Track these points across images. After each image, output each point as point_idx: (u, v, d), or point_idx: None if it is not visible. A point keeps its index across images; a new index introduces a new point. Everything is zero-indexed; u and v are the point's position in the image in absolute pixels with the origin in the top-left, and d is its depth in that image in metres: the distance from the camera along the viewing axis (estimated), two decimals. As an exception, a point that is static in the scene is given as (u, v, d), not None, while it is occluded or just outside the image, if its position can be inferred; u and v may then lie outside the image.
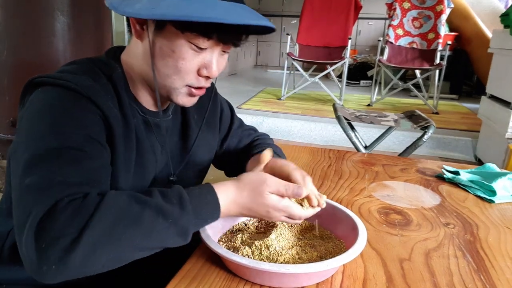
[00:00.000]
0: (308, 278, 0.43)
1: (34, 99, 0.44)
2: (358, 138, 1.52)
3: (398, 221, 0.61)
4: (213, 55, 0.48)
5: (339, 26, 3.18)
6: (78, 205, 0.35)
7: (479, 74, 3.62)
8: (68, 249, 0.33)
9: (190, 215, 0.40)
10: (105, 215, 0.35)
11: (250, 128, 0.73)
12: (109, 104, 0.46)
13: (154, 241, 0.38)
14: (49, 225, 0.33)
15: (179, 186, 0.43)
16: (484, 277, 0.46)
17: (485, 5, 3.67)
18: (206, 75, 0.48)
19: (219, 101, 0.66)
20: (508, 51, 1.90)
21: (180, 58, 0.46)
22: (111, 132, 0.45)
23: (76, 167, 0.39)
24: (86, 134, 0.42)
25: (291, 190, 0.45)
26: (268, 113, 2.76)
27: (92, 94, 0.44)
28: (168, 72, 0.47)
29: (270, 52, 5.60)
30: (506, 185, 0.73)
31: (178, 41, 0.45)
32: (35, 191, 0.36)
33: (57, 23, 1.45)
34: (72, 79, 0.44)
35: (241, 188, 0.45)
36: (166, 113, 0.56)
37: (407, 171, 0.84)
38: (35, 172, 0.37)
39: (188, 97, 0.50)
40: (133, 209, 0.37)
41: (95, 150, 0.42)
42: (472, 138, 2.34)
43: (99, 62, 0.50)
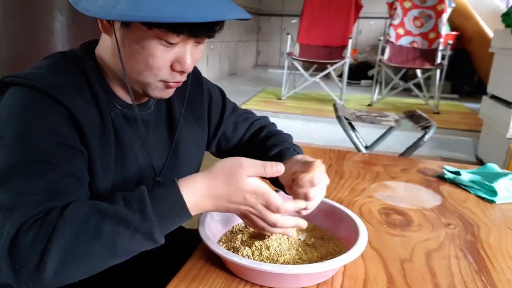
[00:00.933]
0: (309, 279, 0.42)
1: (4, 102, 0.44)
2: (359, 138, 1.52)
3: (399, 221, 0.61)
4: (186, 48, 0.45)
5: (339, 25, 3.17)
6: (39, 225, 0.36)
7: (480, 74, 3.61)
8: (38, 268, 0.35)
9: (153, 220, 0.38)
10: (63, 232, 0.36)
11: (245, 111, 0.68)
12: (78, 101, 0.44)
13: (120, 250, 0.38)
14: (17, 248, 0.35)
15: (143, 189, 0.41)
16: (485, 278, 0.46)
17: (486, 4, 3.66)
18: (180, 70, 0.46)
19: (207, 87, 0.63)
20: (510, 50, 1.89)
21: (150, 55, 0.43)
22: (82, 131, 0.44)
23: (42, 182, 0.39)
24: (53, 141, 0.41)
25: (270, 170, 0.42)
26: (268, 113, 2.76)
27: (58, 92, 0.42)
28: (140, 69, 0.45)
29: (270, 52, 5.60)
30: (507, 185, 0.72)
31: (146, 37, 0.43)
32: (4, 211, 0.37)
33: (56, 23, 1.45)
34: (38, 77, 0.43)
35: (213, 177, 0.42)
36: (147, 106, 0.54)
37: (408, 171, 0.84)
38: (4, 191, 0.38)
39: (165, 89, 0.48)
40: (91, 221, 0.37)
41: (63, 157, 0.41)
42: (473, 138, 2.33)
43: (72, 55, 0.49)
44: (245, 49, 5.09)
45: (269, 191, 0.42)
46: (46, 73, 0.44)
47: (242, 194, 0.42)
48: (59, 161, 0.40)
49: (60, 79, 0.44)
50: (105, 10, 0.39)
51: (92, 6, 0.40)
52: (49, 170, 0.39)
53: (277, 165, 0.43)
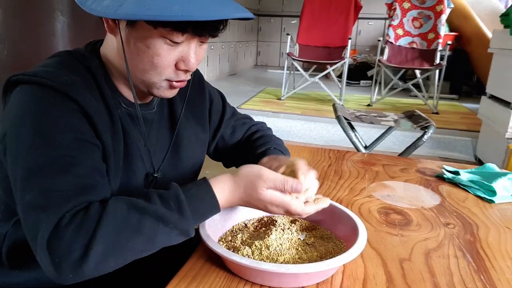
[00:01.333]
0: (308, 278, 0.43)
1: (13, 102, 0.44)
2: (358, 138, 1.52)
3: (398, 221, 0.61)
4: (190, 47, 0.46)
5: (339, 26, 3.18)
6: (80, 219, 0.37)
7: (479, 74, 3.62)
8: (80, 261, 0.36)
9: (190, 218, 0.41)
10: (107, 228, 0.37)
11: (244, 116, 0.70)
12: (88, 97, 0.44)
13: (158, 244, 0.41)
14: (57, 243, 0.36)
15: (176, 186, 0.43)
16: (484, 277, 0.46)
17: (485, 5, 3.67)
18: (184, 68, 0.47)
19: (208, 91, 0.64)
20: (508, 51, 1.90)
21: (155, 54, 0.44)
22: (95, 126, 0.44)
23: (68, 177, 0.39)
24: (72, 136, 0.41)
25: (290, 186, 0.44)
26: (268, 113, 2.76)
27: (69, 89, 0.43)
28: (145, 68, 0.46)
29: (270, 52, 5.60)
30: (506, 185, 0.73)
31: (151, 36, 0.43)
32: (36, 209, 0.38)
33: (57, 23, 1.45)
34: (48, 75, 0.43)
35: (238, 182, 0.45)
36: (150, 106, 0.55)
37: (407, 171, 0.84)
38: (32, 189, 0.38)
39: (169, 89, 0.49)
40: (133, 219, 0.39)
41: (83, 152, 0.42)
42: (472, 138, 2.34)
43: (78, 54, 0.49)
44: (245, 49, 5.10)
45: (288, 202, 0.45)
46: (55, 71, 0.45)
47: (262, 203, 0.45)
48: (81, 156, 0.41)
49: (69, 77, 0.45)
50: (111, 9, 0.40)
51: (98, 6, 0.41)
52: (73, 164, 0.40)
53: (297, 184, 0.45)
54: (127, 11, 0.39)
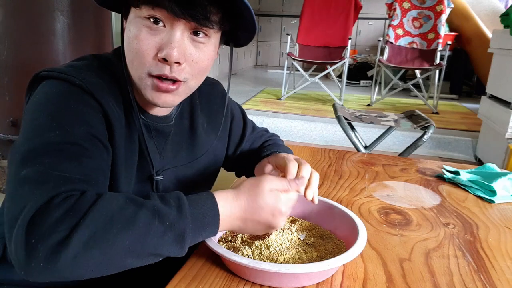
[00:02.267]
0: (308, 278, 0.43)
1: (38, 92, 0.43)
2: (358, 138, 1.52)
3: (398, 221, 0.61)
4: (173, 34, 0.42)
5: (339, 26, 3.18)
6: (73, 202, 0.34)
7: (479, 74, 3.62)
8: (58, 246, 0.31)
9: (188, 219, 0.37)
10: (98, 215, 0.34)
11: (262, 129, 0.71)
12: (112, 103, 0.45)
13: (148, 246, 0.35)
14: (42, 220, 0.32)
15: (178, 191, 0.41)
16: (484, 277, 0.46)
17: (485, 5, 3.67)
18: (162, 57, 0.42)
19: (230, 107, 0.64)
20: (508, 51, 1.90)
21: (134, 37, 0.43)
22: (112, 133, 0.44)
23: (75, 164, 0.37)
24: (88, 131, 0.41)
25: (295, 184, 0.44)
26: (268, 113, 2.76)
27: (96, 91, 0.43)
28: (130, 58, 0.45)
29: (270, 52, 5.60)
30: (506, 185, 0.73)
31: (135, 21, 0.43)
32: (31, 183, 0.34)
33: (57, 23, 1.45)
34: (77, 74, 0.44)
35: (240, 192, 0.42)
36: (168, 118, 0.53)
37: (407, 171, 0.84)
38: (32, 165, 0.35)
39: (156, 92, 0.45)
40: (128, 210, 0.35)
41: (95, 149, 0.41)
42: (472, 138, 2.34)
43: (106, 59, 0.49)
44: (245, 49, 5.10)
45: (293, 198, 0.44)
46: (84, 72, 0.45)
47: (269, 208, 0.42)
48: (92, 151, 0.40)
49: (97, 80, 0.45)
50: None
51: None
52: (84, 155, 0.38)
53: (300, 180, 0.45)
54: None
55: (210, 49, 0.46)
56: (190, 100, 0.58)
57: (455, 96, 3.65)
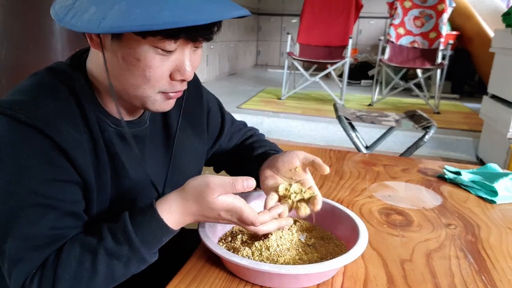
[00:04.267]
0: (309, 279, 0.42)
1: None
2: (359, 138, 1.52)
3: (399, 221, 0.61)
4: (184, 55, 0.42)
5: (339, 25, 3.17)
6: (40, 276, 0.39)
7: (480, 73, 3.61)
8: None
9: (140, 248, 0.41)
10: (63, 279, 0.39)
11: (240, 123, 0.69)
12: (66, 130, 0.41)
13: (119, 278, 0.41)
14: None
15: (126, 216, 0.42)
16: (485, 278, 0.46)
17: (487, 4, 3.66)
18: (180, 79, 0.43)
19: (205, 100, 0.61)
20: (510, 50, 1.89)
21: (147, 66, 0.41)
22: (73, 163, 0.42)
23: (42, 225, 0.40)
24: (48, 178, 0.40)
25: (241, 185, 0.41)
26: (268, 113, 2.76)
27: (44, 125, 0.40)
28: (137, 83, 0.42)
29: (270, 52, 5.59)
30: (508, 185, 0.72)
31: (141, 47, 0.40)
32: (10, 262, 0.39)
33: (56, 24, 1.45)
34: (23, 107, 0.40)
35: (185, 198, 0.43)
36: (142, 121, 0.51)
37: (408, 172, 0.84)
38: (7, 239, 0.39)
39: (165, 101, 0.45)
40: (86, 262, 0.40)
41: (60, 194, 0.41)
42: (474, 138, 2.33)
43: (61, 72, 0.46)
44: (245, 49, 5.09)
45: (241, 207, 0.42)
46: (31, 101, 0.42)
47: (216, 212, 0.43)
48: (55, 202, 0.41)
49: (46, 107, 0.41)
50: (94, 24, 0.36)
51: (79, 21, 0.37)
52: (47, 212, 0.40)
53: (248, 180, 0.42)
54: (112, 23, 0.35)
55: (201, 49, 0.47)
56: None
57: (457, 96, 3.64)
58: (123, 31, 0.36)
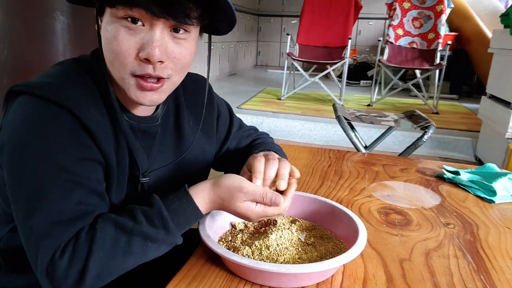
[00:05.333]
0: (308, 278, 0.43)
1: (15, 114, 0.43)
2: (358, 138, 1.52)
3: (398, 221, 0.61)
4: (153, 33, 0.41)
5: (339, 26, 3.17)
6: (72, 249, 0.39)
7: (479, 74, 3.62)
8: (77, 284, 0.38)
9: (175, 233, 0.43)
10: (98, 254, 0.39)
11: (250, 128, 0.70)
12: (92, 112, 0.43)
13: (150, 258, 0.43)
14: (54, 270, 0.38)
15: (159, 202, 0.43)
16: (484, 277, 0.46)
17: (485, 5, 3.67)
18: (144, 57, 0.41)
19: (216, 103, 0.63)
20: (508, 51, 1.90)
21: (114, 38, 0.41)
22: (98, 143, 0.44)
23: (69, 203, 0.40)
24: (74, 156, 0.41)
25: (269, 199, 0.45)
26: (268, 113, 2.76)
27: (72, 105, 0.42)
28: (110, 59, 0.43)
29: (270, 52, 5.60)
30: (506, 185, 0.73)
31: (112, 21, 0.42)
32: (36, 236, 0.39)
33: (57, 23, 1.45)
34: (51, 88, 0.42)
35: (217, 194, 0.46)
36: (154, 119, 0.53)
37: (407, 171, 0.84)
38: (35, 214, 0.39)
39: (139, 91, 0.44)
40: (121, 241, 0.40)
41: (86, 172, 0.42)
42: (472, 138, 2.33)
43: (84, 62, 0.48)
44: (245, 49, 5.09)
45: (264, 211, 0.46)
46: (59, 83, 0.44)
47: (239, 214, 0.46)
48: (82, 178, 0.41)
49: (73, 89, 0.43)
50: None
51: None
52: (74, 188, 0.41)
53: (276, 197, 0.45)
54: None
55: (191, 44, 0.45)
56: (175, 98, 0.57)
57: (455, 96, 3.65)
58: None
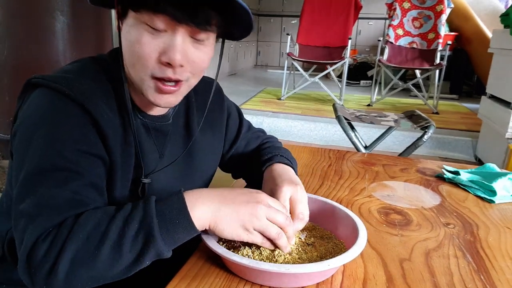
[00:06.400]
0: (308, 278, 0.43)
1: (31, 104, 0.45)
2: (358, 138, 1.52)
3: (398, 221, 0.61)
4: (175, 38, 0.43)
5: (339, 26, 3.17)
6: (55, 233, 0.38)
7: (479, 74, 3.62)
8: (50, 274, 0.37)
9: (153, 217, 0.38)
10: (76, 239, 0.37)
11: (258, 130, 0.71)
12: (104, 109, 0.45)
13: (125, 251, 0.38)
14: (34, 254, 0.37)
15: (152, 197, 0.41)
16: (484, 277, 0.46)
17: (485, 5, 3.67)
18: (165, 61, 0.43)
19: (226, 105, 0.65)
20: (508, 51, 1.90)
21: (136, 41, 0.43)
22: (105, 140, 0.45)
23: (64, 191, 0.40)
24: (79, 149, 0.42)
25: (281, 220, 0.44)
26: (268, 113, 2.76)
27: (85, 100, 0.43)
28: (132, 61, 0.45)
29: (270, 52, 5.60)
30: (506, 185, 0.73)
31: (135, 24, 0.43)
32: (26, 218, 0.39)
33: (57, 23, 1.45)
34: (67, 82, 0.44)
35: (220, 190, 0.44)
36: (166, 118, 0.54)
37: (407, 171, 0.84)
38: (28, 197, 0.39)
39: (158, 93, 0.46)
40: (102, 226, 0.38)
41: (87, 166, 0.42)
42: (472, 138, 2.34)
43: (102, 61, 0.50)
44: (245, 49, 5.09)
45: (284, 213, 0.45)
46: (76, 78, 0.45)
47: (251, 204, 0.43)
48: (82, 170, 0.42)
49: (87, 86, 0.45)
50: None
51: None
52: (72, 179, 0.41)
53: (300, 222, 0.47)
54: None
55: (209, 48, 0.47)
56: (186, 98, 0.58)
57: (455, 96, 3.65)
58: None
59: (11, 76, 1.49)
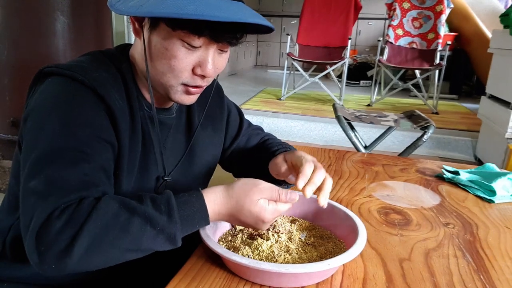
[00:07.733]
0: (308, 278, 0.43)
1: (43, 90, 0.46)
2: (358, 138, 1.52)
3: (398, 221, 0.61)
4: (208, 53, 0.47)
5: (339, 26, 3.18)
6: (71, 212, 0.38)
7: (479, 74, 3.62)
8: (63, 253, 0.36)
9: (177, 224, 0.41)
10: (94, 225, 0.37)
11: (257, 127, 0.73)
12: (115, 96, 0.47)
13: (143, 246, 0.40)
14: (47, 231, 0.36)
15: (170, 192, 0.43)
16: (484, 277, 0.46)
17: (485, 5, 3.67)
18: (200, 73, 0.48)
19: (226, 103, 0.67)
20: (508, 51, 1.90)
21: (173, 56, 0.46)
22: (116, 125, 0.46)
23: (76, 170, 0.40)
24: (91, 133, 0.43)
25: (284, 196, 0.46)
26: (268, 113, 2.76)
27: (98, 86, 0.45)
28: (163, 70, 0.47)
29: (270, 52, 5.60)
30: (506, 185, 0.73)
31: (170, 39, 0.45)
32: (37, 196, 0.39)
33: (57, 23, 1.45)
34: (81, 69, 0.46)
35: (230, 195, 0.45)
36: (170, 111, 0.57)
37: (407, 171, 0.85)
38: (38, 176, 0.40)
39: (186, 95, 0.50)
40: (121, 217, 0.39)
41: (97, 150, 0.43)
42: (472, 138, 2.34)
43: (109, 53, 0.52)
44: (245, 49, 5.10)
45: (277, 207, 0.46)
46: (88, 66, 0.47)
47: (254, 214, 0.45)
48: (93, 153, 0.43)
49: (100, 73, 0.47)
50: (133, 9, 0.43)
51: (123, 6, 0.45)
52: (83, 160, 0.41)
53: (292, 193, 0.46)
54: (146, 9, 0.42)
55: (228, 54, 0.52)
56: None
57: (455, 96, 3.65)
58: (151, 15, 0.44)
59: (11, 76, 1.49)
